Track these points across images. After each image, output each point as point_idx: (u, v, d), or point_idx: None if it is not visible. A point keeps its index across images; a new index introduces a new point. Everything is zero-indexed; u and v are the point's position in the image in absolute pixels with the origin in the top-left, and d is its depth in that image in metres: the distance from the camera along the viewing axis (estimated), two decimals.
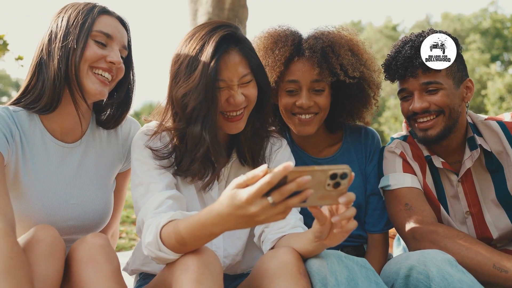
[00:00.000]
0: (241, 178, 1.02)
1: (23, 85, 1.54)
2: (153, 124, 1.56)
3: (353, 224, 1.11)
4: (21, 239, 1.32)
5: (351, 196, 1.05)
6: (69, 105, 1.52)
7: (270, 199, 0.98)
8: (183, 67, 1.43)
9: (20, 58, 4.85)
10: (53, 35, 1.49)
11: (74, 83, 1.47)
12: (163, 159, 1.48)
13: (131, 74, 1.67)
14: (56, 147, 1.56)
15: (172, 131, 1.49)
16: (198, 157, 1.44)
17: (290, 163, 0.96)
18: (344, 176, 1.00)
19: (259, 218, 1.01)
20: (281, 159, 1.65)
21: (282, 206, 0.99)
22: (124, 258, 1.79)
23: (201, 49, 1.41)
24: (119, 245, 4.59)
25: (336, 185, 1.00)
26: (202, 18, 4.85)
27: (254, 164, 1.59)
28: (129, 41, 1.63)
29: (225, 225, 1.10)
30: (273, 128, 1.71)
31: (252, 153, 1.58)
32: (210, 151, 1.43)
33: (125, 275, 1.70)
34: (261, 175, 0.98)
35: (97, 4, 1.56)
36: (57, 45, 1.46)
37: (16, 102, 1.53)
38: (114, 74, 1.54)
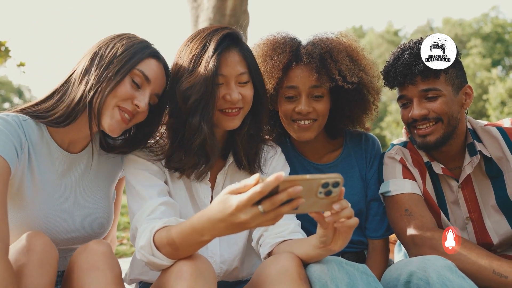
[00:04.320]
0: (235, 186, 1.03)
1: (48, 92, 1.51)
2: None
3: (354, 220, 1.13)
4: (12, 246, 1.31)
5: (344, 203, 1.07)
6: (83, 125, 1.49)
7: (260, 208, 0.99)
8: (186, 64, 1.48)
9: (22, 64, 4.86)
10: (98, 57, 1.45)
11: (94, 111, 1.43)
12: (154, 156, 1.52)
13: (155, 124, 1.60)
14: (62, 157, 1.55)
15: (166, 126, 1.54)
16: (194, 147, 1.47)
17: (282, 173, 0.97)
18: (335, 184, 1.01)
19: (249, 225, 1.03)
20: (276, 165, 1.69)
21: (272, 214, 1.00)
22: (125, 264, 1.79)
23: (203, 47, 1.47)
24: (120, 252, 4.57)
25: (328, 193, 1.02)
26: (203, 24, 4.86)
27: (251, 169, 1.62)
28: (164, 90, 1.56)
29: (215, 231, 1.11)
30: (268, 137, 1.76)
31: (248, 157, 1.61)
32: (206, 142, 1.47)
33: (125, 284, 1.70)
34: (253, 184, 0.99)
35: (151, 46, 1.53)
36: (98, 68, 1.43)
37: (28, 111, 1.49)
38: (133, 116, 1.49)
